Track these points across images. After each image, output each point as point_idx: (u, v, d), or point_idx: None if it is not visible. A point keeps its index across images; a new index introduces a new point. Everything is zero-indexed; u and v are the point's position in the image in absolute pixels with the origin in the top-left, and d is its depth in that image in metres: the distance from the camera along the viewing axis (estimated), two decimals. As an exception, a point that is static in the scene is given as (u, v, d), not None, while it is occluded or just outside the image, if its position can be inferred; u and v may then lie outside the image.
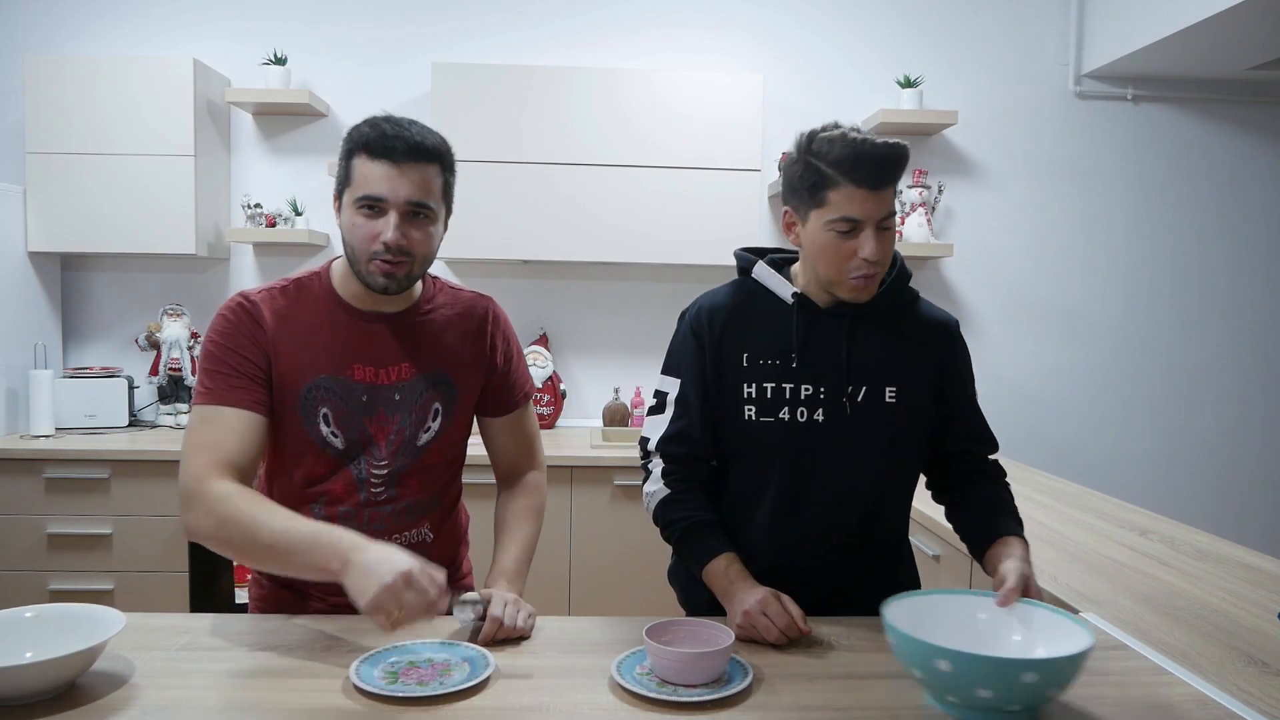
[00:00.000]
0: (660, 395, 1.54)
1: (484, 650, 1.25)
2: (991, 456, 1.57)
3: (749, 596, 1.36)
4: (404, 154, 1.34)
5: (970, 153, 3.71)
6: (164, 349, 3.39)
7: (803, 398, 1.45)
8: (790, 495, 1.47)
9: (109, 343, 3.58)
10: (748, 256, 1.54)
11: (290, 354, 1.39)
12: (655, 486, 1.52)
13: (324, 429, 1.41)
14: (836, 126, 1.36)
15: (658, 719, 1.10)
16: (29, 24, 3.51)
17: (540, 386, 3.52)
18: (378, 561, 1.16)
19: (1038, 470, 3.06)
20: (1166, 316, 3.80)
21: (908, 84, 3.50)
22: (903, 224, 3.55)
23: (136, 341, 3.48)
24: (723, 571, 1.42)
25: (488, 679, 1.17)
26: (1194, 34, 3.08)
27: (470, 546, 1.69)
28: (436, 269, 3.58)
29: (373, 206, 1.35)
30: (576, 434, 3.45)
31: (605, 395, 3.70)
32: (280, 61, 3.40)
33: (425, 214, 1.39)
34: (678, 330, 1.55)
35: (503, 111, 3.23)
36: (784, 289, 1.48)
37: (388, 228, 1.33)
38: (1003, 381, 3.76)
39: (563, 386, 3.61)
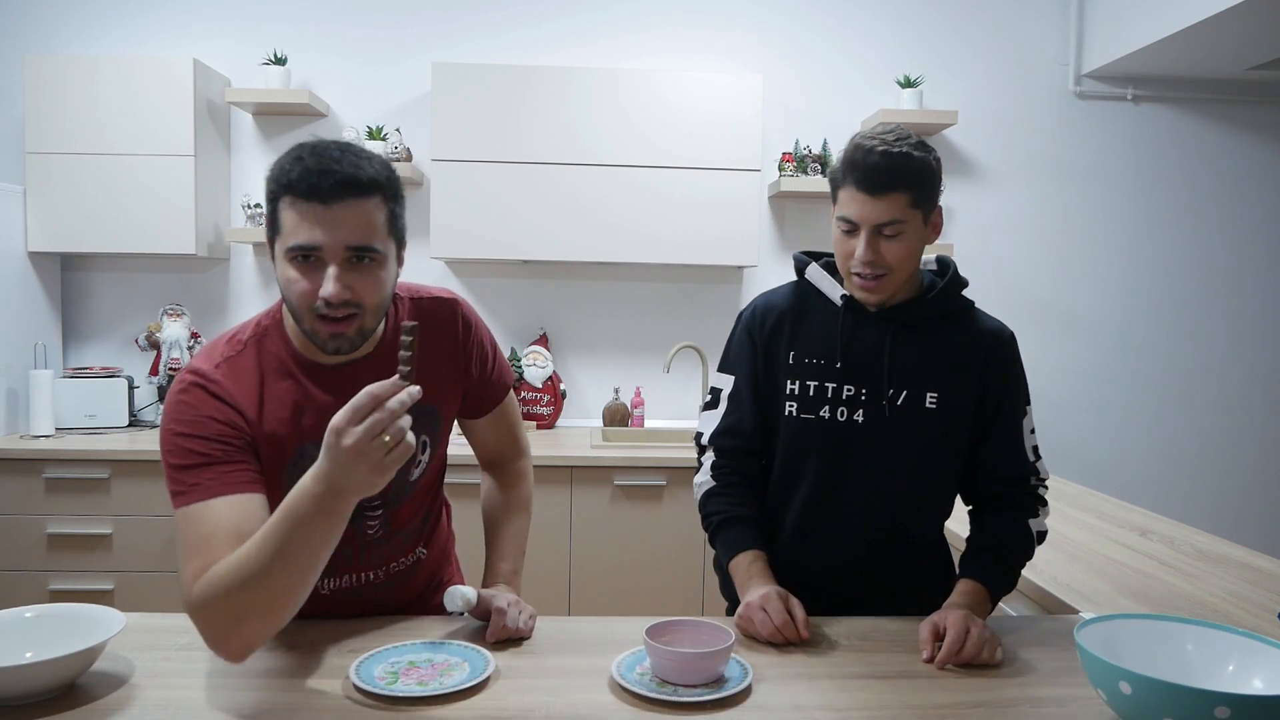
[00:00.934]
0: (715, 392, 1.59)
1: (484, 650, 1.25)
2: (1034, 481, 1.50)
3: (756, 592, 1.38)
4: (335, 192, 1.14)
5: (970, 153, 3.71)
6: (164, 349, 3.39)
7: (844, 397, 1.47)
8: (824, 491, 1.49)
9: (109, 343, 3.58)
10: (804, 259, 1.58)
11: (267, 424, 1.23)
12: (703, 479, 1.57)
13: None
14: (886, 131, 1.41)
15: (658, 719, 1.10)
16: (29, 24, 3.51)
17: (540, 386, 3.52)
18: (339, 465, 1.02)
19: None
20: (1166, 316, 3.80)
21: (908, 84, 3.50)
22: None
23: (136, 341, 3.48)
24: (745, 567, 1.45)
25: (488, 679, 1.17)
26: (1194, 34, 3.08)
27: (455, 539, 1.65)
28: (437, 269, 3.59)
29: (308, 257, 1.15)
30: (576, 434, 3.45)
31: (605, 395, 3.70)
32: (280, 61, 3.40)
33: (370, 258, 1.17)
34: (735, 329, 1.59)
35: (503, 111, 3.24)
36: (834, 291, 1.51)
37: (327, 281, 1.14)
38: (1003, 381, 3.75)
39: (563, 386, 3.61)
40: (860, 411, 1.46)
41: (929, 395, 1.46)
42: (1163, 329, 3.80)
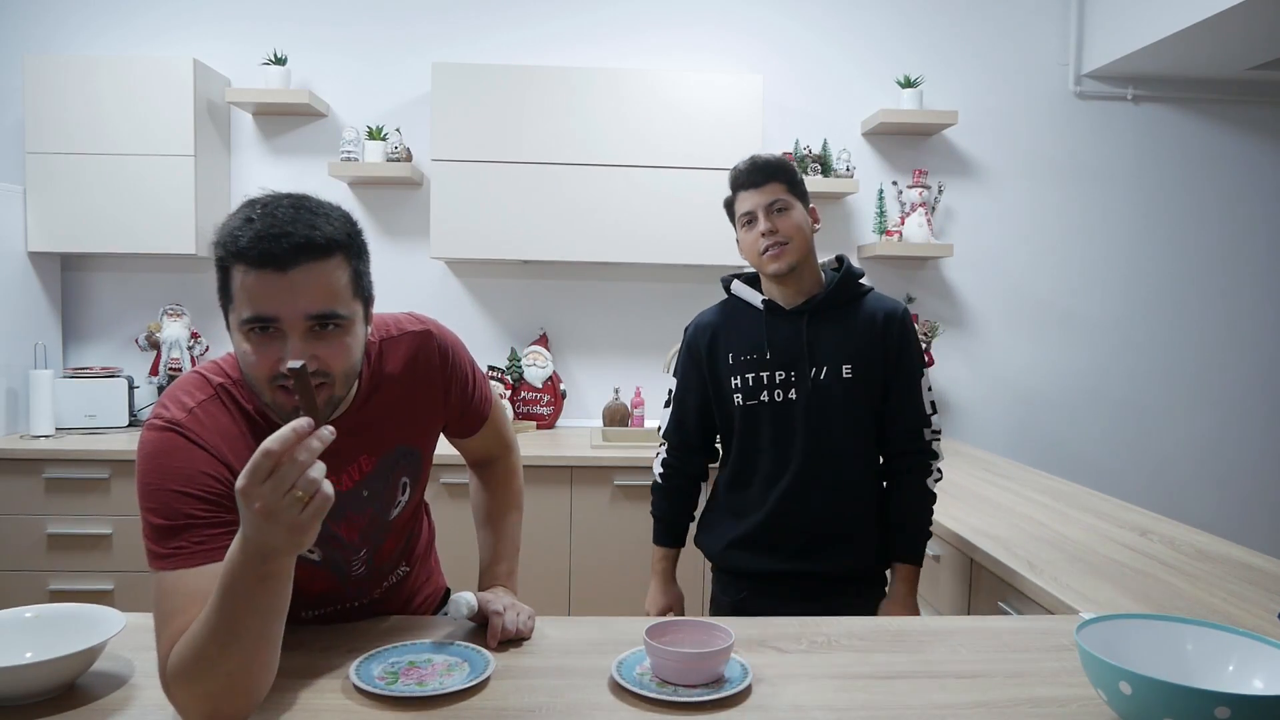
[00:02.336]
0: (669, 391, 1.98)
1: (484, 650, 1.25)
2: (928, 433, 1.86)
3: (653, 601, 2.02)
4: (291, 258, 1.03)
5: (970, 153, 3.71)
6: (164, 349, 3.39)
7: (778, 381, 1.81)
8: (778, 460, 1.82)
9: (109, 343, 3.58)
10: (728, 277, 1.95)
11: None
12: (656, 469, 2.00)
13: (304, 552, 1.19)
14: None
15: (657, 719, 1.10)
16: (29, 24, 3.51)
17: (540, 386, 3.52)
18: (257, 529, 0.93)
19: (1038, 470, 3.06)
20: (1166, 316, 3.80)
21: (908, 84, 3.50)
22: (903, 224, 3.55)
23: (136, 341, 3.48)
24: (656, 561, 2.01)
25: (488, 679, 1.17)
26: (1194, 34, 3.08)
27: (435, 532, 1.63)
28: (437, 269, 3.59)
29: (265, 328, 1.05)
30: (576, 434, 3.45)
31: (605, 395, 3.70)
32: (280, 61, 3.40)
33: (335, 324, 1.08)
34: (682, 343, 1.96)
35: (503, 111, 3.24)
36: (755, 298, 1.87)
37: (288, 353, 1.05)
38: (1003, 381, 3.76)
39: (563, 386, 3.61)
40: (793, 390, 1.80)
41: (844, 367, 1.80)
42: (1163, 329, 3.80)
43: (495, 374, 3.51)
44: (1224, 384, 3.82)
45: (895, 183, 3.67)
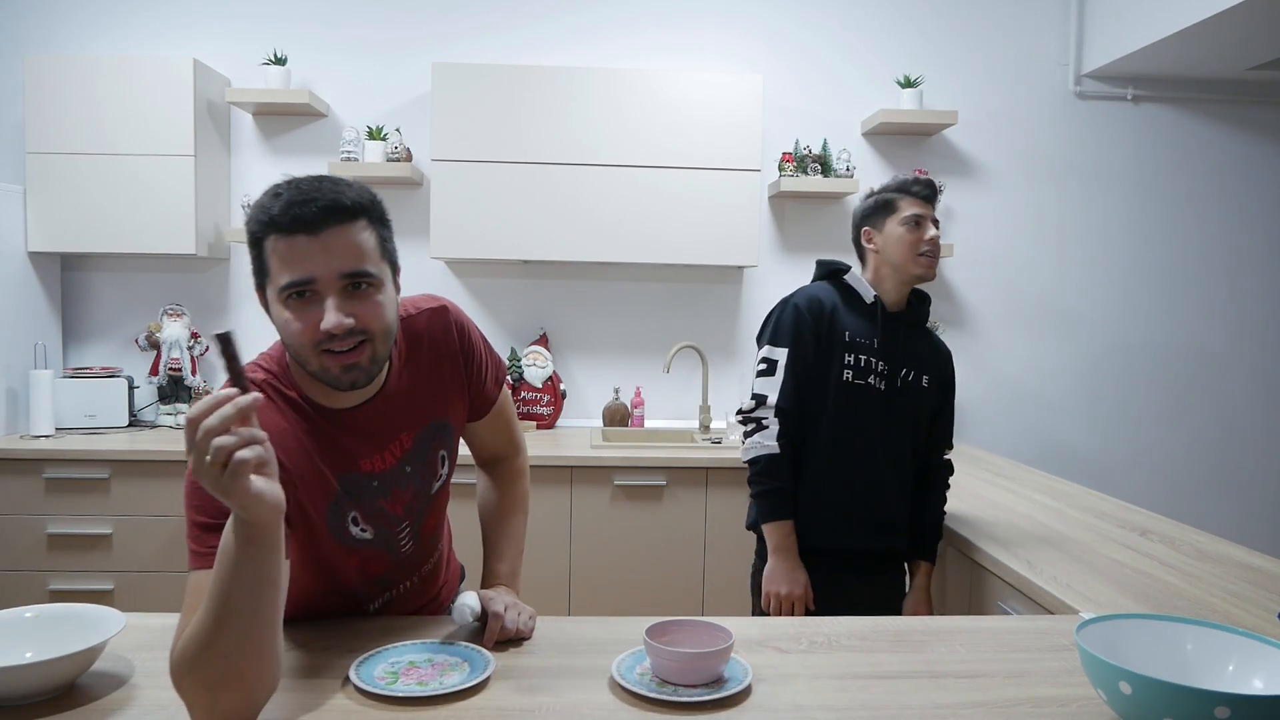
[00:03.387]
0: (770, 362, 1.99)
1: (484, 650, 1.25)
2: (948, 448, 2.15)
3: (793, 579, 1.95)
4: (321, 220, 1.10)
5: (970, 153, 3.71)
6: (164, 349, 3.39)
7: (878, 370, 1.98)
8: (870, 442, 1.98)
9: (109, 343, 3.58)
10: (841, 264, 2.09)
11: (295, 476, 1.18)
12: (770, 443, 1.96)
13: (354, 530, 1.29)
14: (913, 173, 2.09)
15: (658, 719, 1.10)
16: (29, 24, 3.51)
17: (540, 386, 3.52)
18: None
19: (1038, 470, 3.06)
20: (1166, 316, 3.80)
21: (908, 84, 3.50)
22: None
23: (136, 341, 3.48)
24: (786, 533, 1.96)
25: (488, 679, 1.17)
26: (1194, 34, 3.08)
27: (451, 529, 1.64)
28: (437, 269, 3.59)
29: (302, 293, 1.11)
30: (576, 434, 3.45)
31: (605, 395, 3.70)
32: (280, 61, 3.40)
33: (368, 283, 1.14)
34: (782, 312, 2.01)
35: (503, 111, 3.24)
36: (868, 292, 2.03)
37: (327, 313, 1.10)
38: (1002, 381, 3.76)
39: (563, 386, 3.61)
40: (884, 383, 1.98)
41: (924, 377, 2.03)
42: (1162, 329, 3.80)
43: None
44: (1224, 384, 3.82)
45: (895, 183, 3.66)
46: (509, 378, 3.50)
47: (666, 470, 3.04)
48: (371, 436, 1.27)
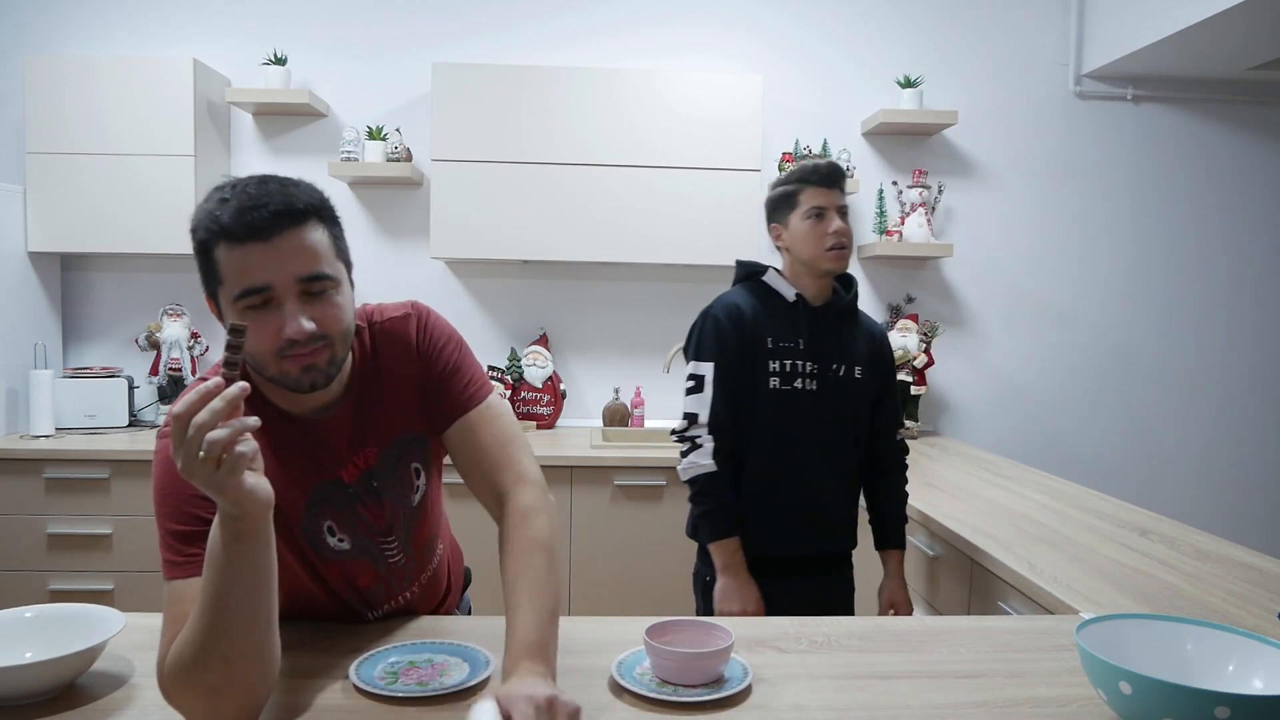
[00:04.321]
0: (697, 378, 1.93)
1: (484, 650, 1.25)
2: (901, 433, 2.10)
3: (744, 596, 1.88)
4: (273, 225, 1.06)
5: (970, 153, 3.71)
6: (164, 349, 3.39)
7: (806, 371, 1.92)
8: (805, 446, 1.92)
9: (109, 343, 3.58)
10: (758, 264, 2.02)
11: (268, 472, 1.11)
12: (705, 461, 1.91)
13: (330, 540, 1.27)
14: (820, 155, 1.95)
15: (658, 719, 1.10)
16: (29, 24, 3.51)
17: (540, 386, 3.52)
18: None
19: (1038, 470, 3.06)
20: (1166, 316, 3.80)
21: (908, 84, 3.50)
22: (903, 224, 3.56)
23: (136, 341, 3.48)
24: (733, 550, 1.90)
25: (488, 679, 1.17)
26: (1194, 34, 3.08)
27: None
28: (437, 269, 3.59)
29: (259, 301, 1.07)
30: (576, 434, 3.45)
31: (605, 395, 3.70)
32: (280, 61, 3.40)
33: (325, 284, 1.11)
34: (705, 324, 1.95)
35: (503, 111, 3.24)
36: (789, 291, 1.97)
37: (288, 320, 1.07)
38: (1002, 381, 3.76)
39: (563, 386, 3.61)
40: (815, 382, 1.93)
41: (857, 368, 1.98)
42: (1162, 328, 3.80)
43: (495, 374, 3.51)
44: (1224, 383, 3.82)
45: (895, 183, 3.67)
46: (509, 378, 3.51)
47: (666, 470, 3.04)
48: (338, 445, 1.24)
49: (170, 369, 3.38)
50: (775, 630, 1.40)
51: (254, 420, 0.92)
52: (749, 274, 2.02)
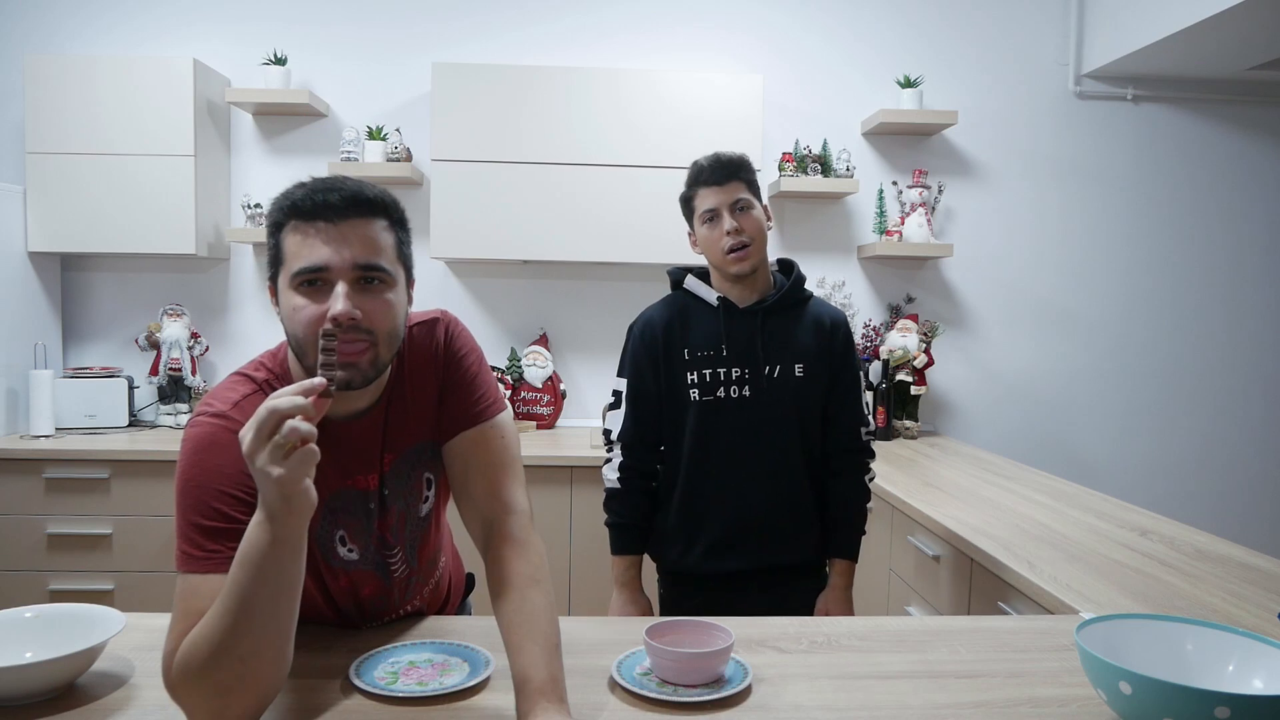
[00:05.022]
0: (617, 393, 1.93)
1: (484, 650, 1.25)
2: (864, 433, 1.95)
3: (630, 610, 1.91)
4: (342, 209, 1.09)
5: (970, 153, 3.71)
6: (164, 349, 3.39)
7: (734, 378, 1.84)
8: (734, 457, 1.84)
9: (109, 343, 3.58)
10: (679, 272, 1.95)
11: None
12: (611, 475, 1.92)
13: (341, 549, 1.26)
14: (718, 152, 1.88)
15: (657, 719, 1.10)
16: (29, 24, 3.51)
17: (540, 386, 3.52)
18: (258, 483, 0.94)
19: (1038, 470, 3.06)
20: (1167, 316, 3.80)
21: (908, 84, 3.50)
22: (903, 224, 3.55)
23: (136, 341, 3.48)
24: (622, 570, 1.93)
25: (488, 679, 1.17)
26: (1194, 34, 3.08)
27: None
28: (437, 269, 3.59)
29: (313, 281, 1.08)
30: (576, 434, 3.45)
31: (605, 395, 3.66)
32: (280, 61, 3.40)
33: (379, 279, 1.11)
34: (628, 340, 1.94)
35: (503, 111, 3.24)
36: (710, 295, 1.88)
37: (334, 299, 1.07)
38: (1002, 381, 3.76)
39: (563, 386, 3.61)
40: (747, 388, 1.84)
41: (796, 366, 1.86)
42: (1162, 329, 3.80)
43: (495, 374, 3.50)
44: (1224, 383, 3.82)
45: (895, 183, 3.67)
46: (509, 378, 3.51)
47: (666, 470, 3.04)
48: (361, 452, 1.24)
49: (170, 369, 3.38)
50: (775, 630, 1.40)
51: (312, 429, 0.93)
52: (674, 282, 1.96)
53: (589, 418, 3.69)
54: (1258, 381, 3.83)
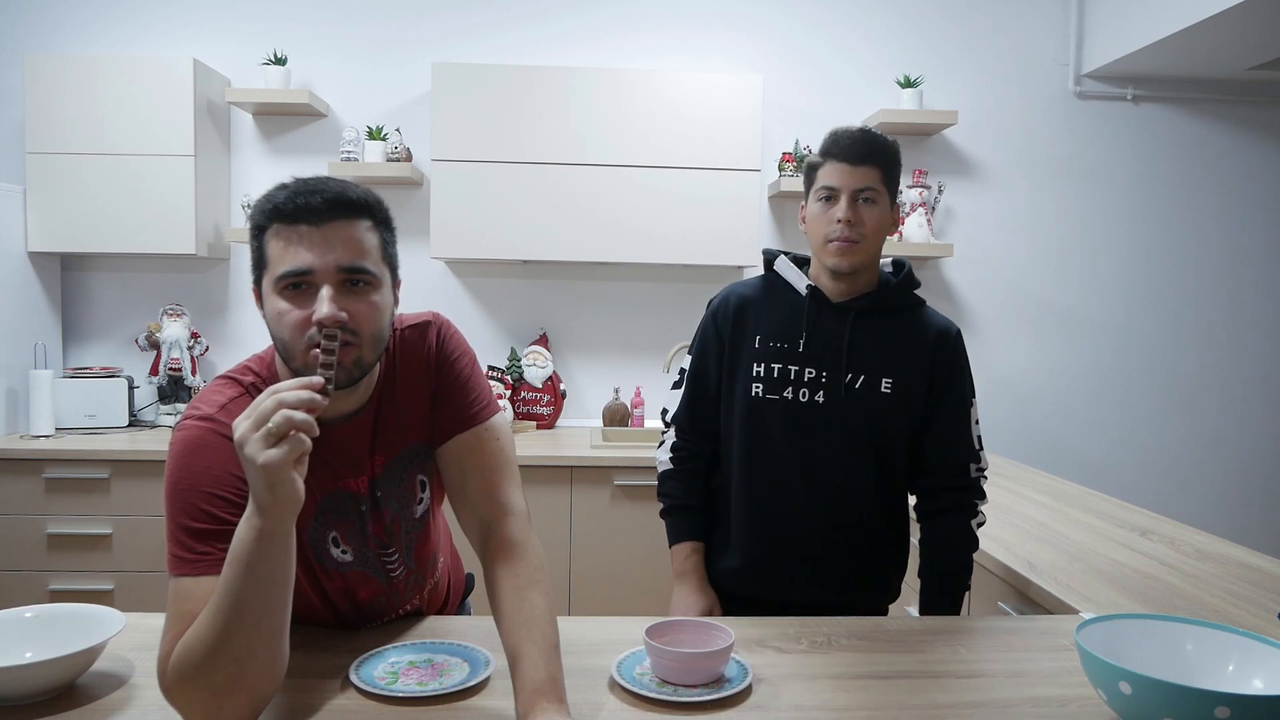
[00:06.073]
0: (681, 372, 1.74)
1: (484, 650, 1.25)
2: (974, 470, 1.64)
3: (691, 603, 1.63)
4: (325, 211, 1.08)
5: (970, 153, 3.71)
6: (164, 349, 3.39)
7: (806, 379, 1.59)
8: (788, 471, 1.60)
9: (109, 343, 3.58)
10: (773, 251, 1.72)
11: None
12: (663, 457, 1.73)
13: (334, 551, 1.26)
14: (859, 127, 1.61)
15: (657, 719, 1.10)
16: (29, 24, 3.51)
17: (540, 386, 3.52)
18: (248, 473, 0.95)
19: (1038, 470, 3.06)
20: (1166, 316, 3.80)
21: (908, 84, 3.50)
22: (903, 224, 3.55)
23: (136, 341, 3.48)
24: (684, 558, 1.67)
25: (488, 679, 1.17)
26: (1194, 34, 3.08)
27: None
28: (436, 269, 3.59)
29: (298, 284, 1.07)
30: (576, 434, 3.45)
31: (605, 395, 3.70)
32: (280, 61, 3.40)
33: (365, 280, 1.10)
34: (706, 313, 1.73)
35: (503, 111, 3.24)
36: (800, 281, 1.65)
37: (320, 302, 1.06)
38: (1003, 381, 3.75)
39: (563, 386, 3.61)
40: (821, 393, 1.59)
41: (885, 380, 1.58)
42: (1163, 329, 3.80)
43: (495, 374, 3.51)
44: (1224, 384, 3.82)
45: (895, 183, 3.66)
46: (509, 378, 3.51)
47: (666, 470, 3.04)
48: (348, 454, 1.23)
49: (170, 369, 3.38)
50: (775, 630, 1.40)
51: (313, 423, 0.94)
52: (766, 262, 1.73)
53: (589, 418, 3.69)
54: (1258, 382, 3.83)
